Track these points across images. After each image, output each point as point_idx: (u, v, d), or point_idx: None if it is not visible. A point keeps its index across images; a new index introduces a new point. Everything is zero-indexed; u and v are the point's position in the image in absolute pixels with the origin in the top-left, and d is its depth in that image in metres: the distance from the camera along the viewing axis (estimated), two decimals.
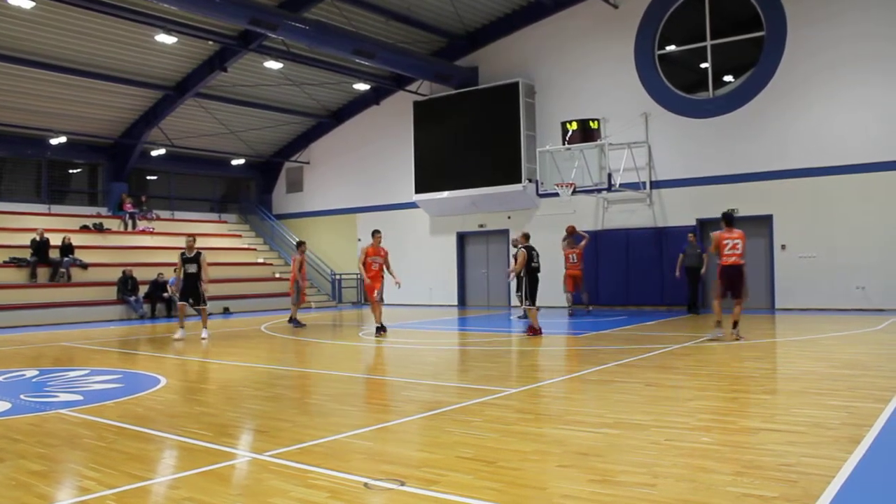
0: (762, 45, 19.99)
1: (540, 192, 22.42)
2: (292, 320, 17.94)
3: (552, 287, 20.49)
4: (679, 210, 21.03)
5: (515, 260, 14.93)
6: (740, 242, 12.43)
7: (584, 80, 22.76)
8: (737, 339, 12.31)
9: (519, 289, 14.58)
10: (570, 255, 19.88)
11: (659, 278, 21.06)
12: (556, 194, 20.90)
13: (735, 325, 12.57)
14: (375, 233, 15.56)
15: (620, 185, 20.71)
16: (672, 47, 21.70)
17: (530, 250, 14.20)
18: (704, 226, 20.25)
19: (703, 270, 18.43)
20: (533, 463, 5.23)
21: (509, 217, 24.28)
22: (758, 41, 20.12)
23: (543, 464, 5.23)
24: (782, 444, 5.50)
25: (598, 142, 20.50)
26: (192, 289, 15.16)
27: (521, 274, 14.19)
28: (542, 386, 8.53)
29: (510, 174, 23.37)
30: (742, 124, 20.13)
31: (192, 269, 15.08)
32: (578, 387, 8.52)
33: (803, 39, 19.33)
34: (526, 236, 14.78)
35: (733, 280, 12.51)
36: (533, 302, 14.20)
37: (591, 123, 20.94)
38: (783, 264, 19.66)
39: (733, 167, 20.23)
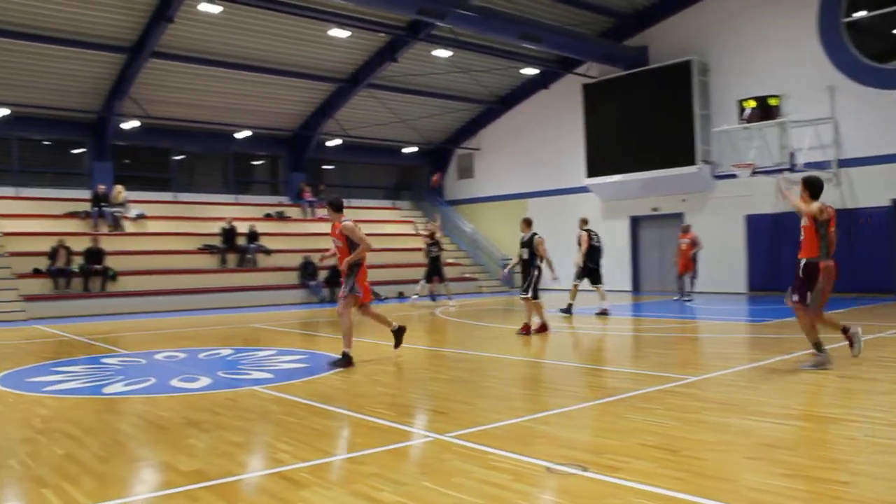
0: None
1: (716, 174, 21.62)
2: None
3: (720, 271, 19.84)
4: (870, 189, 19.59)
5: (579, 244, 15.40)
6: None
7: (762, 54, 21.62)
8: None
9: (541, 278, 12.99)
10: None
11: (848, 263, 19.74)
12: (734, 176, 20.05)
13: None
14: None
15: (804, 164, 19.58)
16: (862, 13, 20.21)
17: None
18: None
19: None
20: (718, 453, 5.07)
21: (684, 200, 23.52)
22: None
23: (729, 455, 5.05)
24: None
25: (779, 119, 19.45)
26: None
27: (579, 261, 14.26)
28: (724, 374, 8.23)
29: (684, 156, 22.62)
30: None
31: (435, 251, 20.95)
32: (763, 376, 8.16)
33: None
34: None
35: None
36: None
37: (770, 100, 19.90)
38: None
39: None
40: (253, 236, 24.34)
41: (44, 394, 7.95)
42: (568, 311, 15.84)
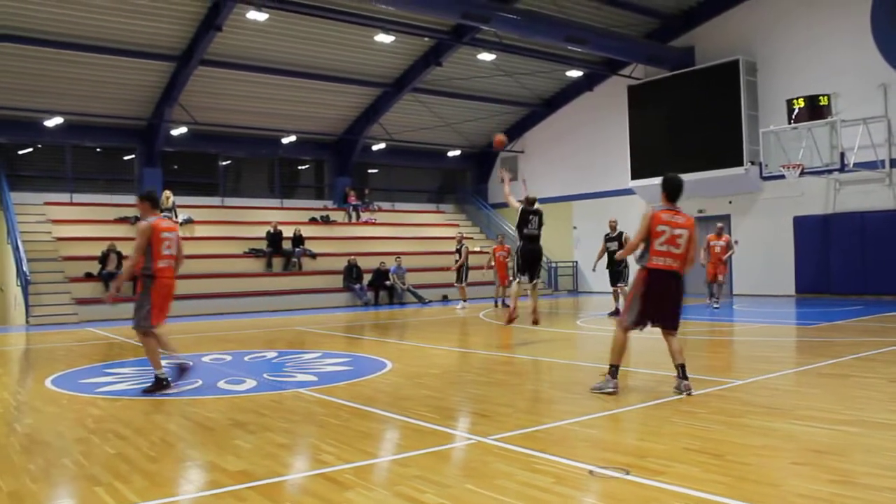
0: None
1: (764, 175, 21.34)
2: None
3: (768, 274, 19.55)
4: None
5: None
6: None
7: (812, 53, 21.26)
8: None
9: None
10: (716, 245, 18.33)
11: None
12: (783, 176, 19.76)
13: None
14: None
15: (855, 164, 19.21)
16: None
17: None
18: None
19: None
20: (764, 458, 5.01)
21: (730, 202, 23.22)
22: None
23: (775, 460, 4.98)
24: None
25: (829, 119, 19.14)
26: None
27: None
28: (770, 378, 8.11)
29: (731, 157, 22.33)
30: None
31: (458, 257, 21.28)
32: (811, 380, 8.03)
33: None
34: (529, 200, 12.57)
35: None
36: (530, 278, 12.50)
37: (820, 99, 19.59)
38: None
39: None
40: (298, 240, 24.59)
41: (96, 395, 8.15)
42: (616, 313, 15.86)
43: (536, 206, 12.32)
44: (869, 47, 20.03)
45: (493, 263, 20.59)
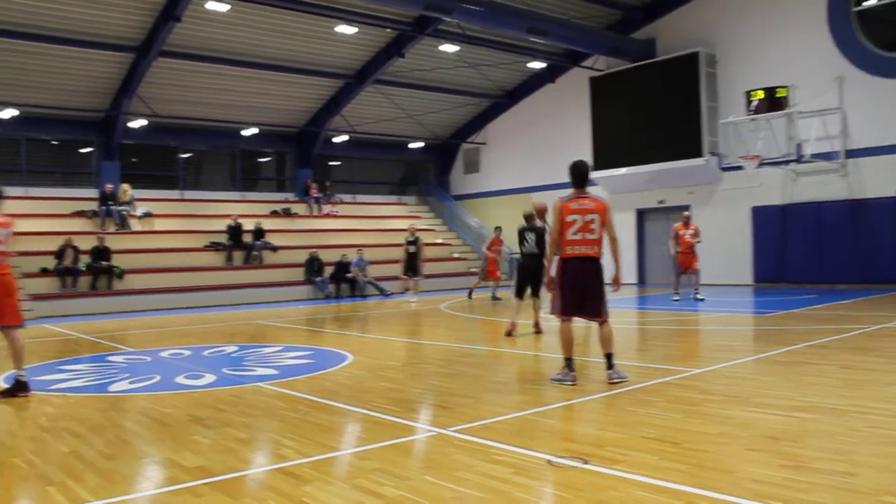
0: None
1: (723, 166, 21.60)
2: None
3: (726, 263, 19.85)
4: (878, 180, 19.48)
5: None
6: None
7: (770, 45, 21.53)
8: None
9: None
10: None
11: (854, 254, 19.72)
12: (741, 168, 20.01)
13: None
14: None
15: (811, 155, 19.51)
16: (872, 1, 20.05)
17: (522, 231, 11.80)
18: None
19: None
20: (720, 445, 5.08)
21: (691, 192, 23.46)
22: None
23: (731, 447, 5.05)
24: None
25: (787, 110, 19.39)
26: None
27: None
28: (726, 366, 8.21)
29: (691, 148, 22.56)
30: None
31: (412, 249, 20.36)
32: (767, 368, 8.15)
33: None
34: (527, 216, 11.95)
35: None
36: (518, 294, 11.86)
37: (778, 91, 19.83)
38: None
39: None
40: (259, 233, 24.38)
41: (50, 392, 8.00)
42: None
43: (536, 221, 11.67)
44: (826, 40, 20.33)
45: (487, 254, 20.36)
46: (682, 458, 4.75)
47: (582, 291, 7.43)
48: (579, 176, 7.63)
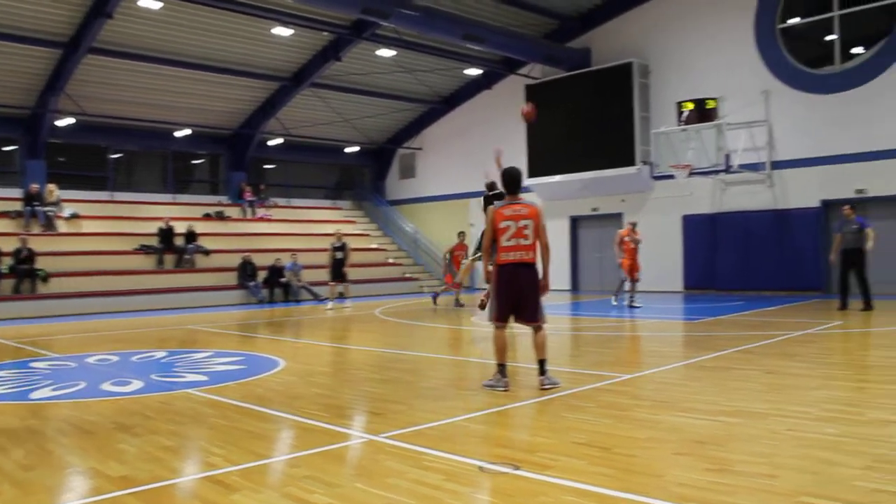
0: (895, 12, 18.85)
1: (655, 175, 22.00)
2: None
3: (658, 270, 20.20)
4: (802, 191, 20.11)
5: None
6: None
7: (701, 58, 22.03)
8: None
9: None
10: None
11: (779, 262, 20.31)
12: (672, 177, 20.42)
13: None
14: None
15: (739, 166, 20.03)
16: (796, 20, 20.73)
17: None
18: (829, 207, 19.45)
19: (869, 246, 14.55)
20: (648, 450, 5.17)
21: (623, 200, 23.84)
22: (890, 8, 18.87)
23: (659, 451, 5.15)
24: None
25: (716, 122, 19.88)
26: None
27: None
28: (656, 372, 8.37)
29: (624, 157, 22.93)
30: (873, 98, 18.95)
31: (340, 255, 20.01)
32: (694, 373, 8.32)
33: None
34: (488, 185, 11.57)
35: None
36: None
37: (707, 103, 20.32)
38: None
39: (863, 145, 19.10)
40: (191, 236, 23.96)
41: None
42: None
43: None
44: (753, 55, 20.89)
45: (448, 259, 21.09)
46: (610, 463, 4.82)
47: (518, 297, 7.47)
48: (512, 182, 7.68)
